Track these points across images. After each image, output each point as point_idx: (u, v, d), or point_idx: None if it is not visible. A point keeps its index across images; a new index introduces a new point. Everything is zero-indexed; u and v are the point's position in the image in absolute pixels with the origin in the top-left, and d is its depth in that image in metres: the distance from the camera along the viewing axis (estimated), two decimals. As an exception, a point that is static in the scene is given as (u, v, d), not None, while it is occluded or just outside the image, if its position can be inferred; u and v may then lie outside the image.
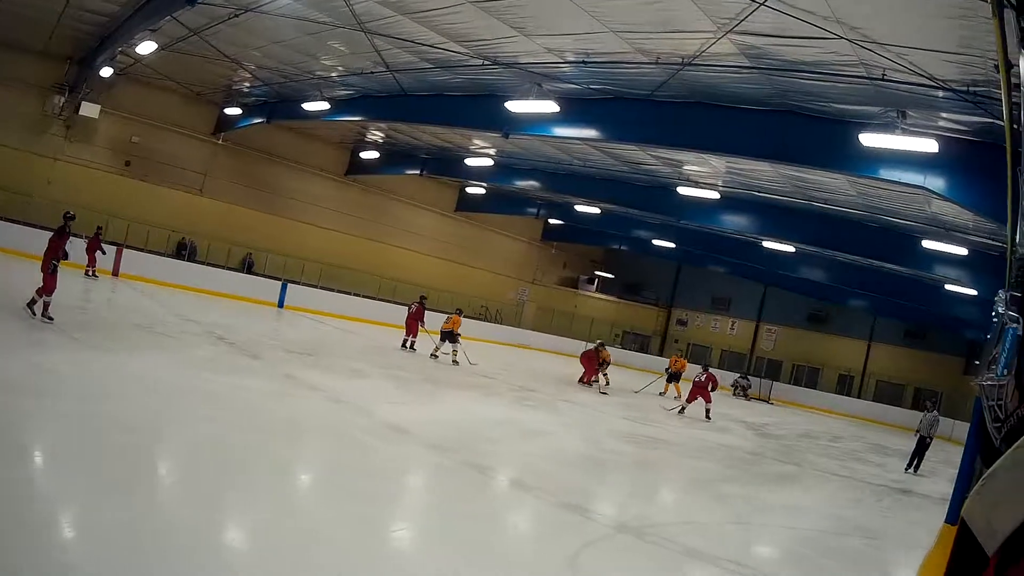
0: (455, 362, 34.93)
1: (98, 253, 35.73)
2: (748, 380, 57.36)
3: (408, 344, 37.43)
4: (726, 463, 21.82)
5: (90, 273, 35.94)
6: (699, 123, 24.45)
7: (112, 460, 9.82)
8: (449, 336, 36.06)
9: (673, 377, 40.90)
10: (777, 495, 18.53)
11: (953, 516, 13.18)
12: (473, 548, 9.78)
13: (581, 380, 37.61)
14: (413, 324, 37.74)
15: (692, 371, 38.20)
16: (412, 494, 12.59)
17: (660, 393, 40.40)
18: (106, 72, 36.78)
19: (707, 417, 33.03)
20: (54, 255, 20.43)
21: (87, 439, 10.46)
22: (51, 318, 19.44)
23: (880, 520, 17.92)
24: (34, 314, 19.47)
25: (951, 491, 18.35)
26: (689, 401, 34.11)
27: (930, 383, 56.84)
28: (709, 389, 33.76)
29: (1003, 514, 1.56)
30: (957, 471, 17.81)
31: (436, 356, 35.63)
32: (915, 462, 28.21)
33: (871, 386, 61.70)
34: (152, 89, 43.78)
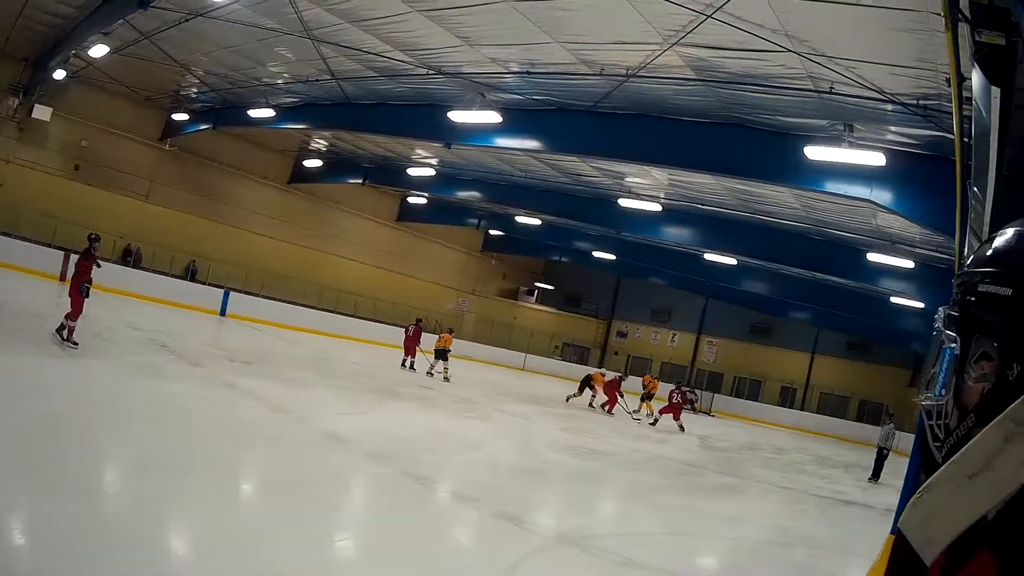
0: (447, 379, 35.98)
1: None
2: (695, 393, 57.49)
3: (408, 364, 38.82)
4: (666, 475, 21.89)
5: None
6: (642, 135, 24.51)
7: (49, 462, 9.67)
8: (442, 354, 37.57)
9: (647, 396, 41.38)
10: (719, 506, 18.56)
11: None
12: (410, 558, 9.72)
13: (602, 406, 38.24)
14: (411, 345, 39.31)
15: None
16: (350, 503, 12.55)
17: (635, 410, 40.52)
18: (59, 75, 37.04)
19: (681, 430, 34.97)
20: (84, 278, 20.32)
21: (25, 440, 10.35)
22: (76, 343, 19.21)
23: (824, 531, 17.95)
24: (64, 340, 19.22)
25: (896, 502, 18.44)
26: (663, 413, 35.96)
27: (875, 395, 57.19)
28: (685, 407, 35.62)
29: (940, 525, 1.53)
30: (903, 482, 17.88)
31: (431, 374, 37.05)
32: (876, 471, 29.52)
33: (814, 398, 61.99)
34: (103, 93, 43.59)
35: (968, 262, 1.96)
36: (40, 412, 12.18)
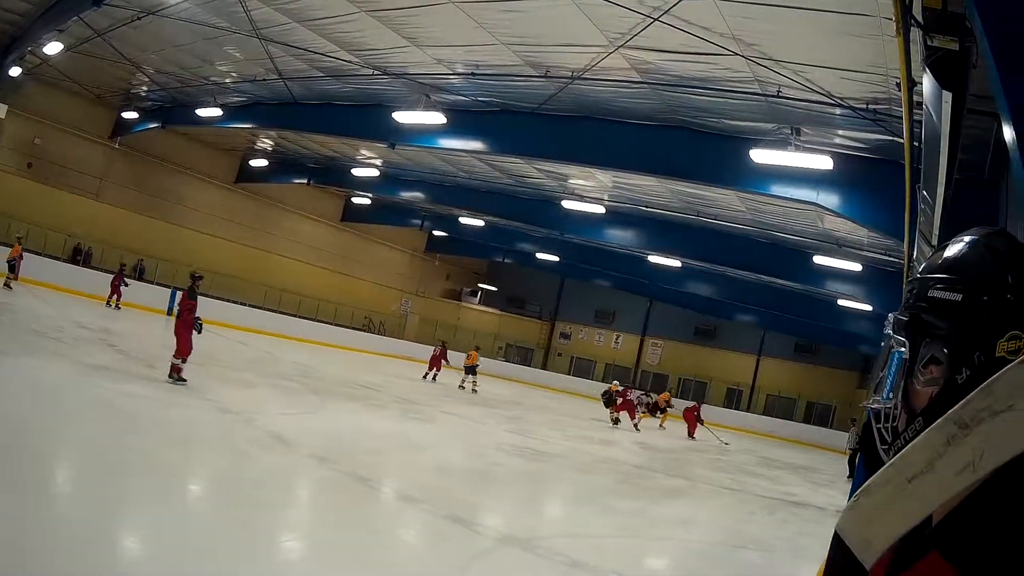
0: (474, 391, 39.17)
1: (122, 287, 39.31)
2: (652, 396, 57.11)
3: (432, 377, 41.89)
4: (614, 477, 21.75)
5: (112, 305, 38.77)
6: (586, 137, 24.68)
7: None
8: (471, 370, 40.69)
9: (660, 410, 43.29)
10: (667, 508, 18.54)
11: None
12: (357, 561, 9.68)
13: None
14: (437, 361, 42.68)
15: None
16: (295, 504, 12.45)
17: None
18: (15, 71, 36.86)
19: (636, 429, 36.91)
20: (191, 316, 20.77)
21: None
22: (184, 380, 19.86)
23: (773, 532, 17.90)
24: (176, 379, 19.84)
25: (845, 501, 18.53)
26: (620, 409, 37.42)
27: (822, 397, 57.62)
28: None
29: (879, 529, 1.53)
30: (851, 484, 17.94)
31: (463, 387, 39.91)
32: (851, 472, 31.17)
33: (761, 400, 62.27)
34: (56, 91, 43.60)
35: (921, 268, 1.97)
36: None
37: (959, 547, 1.50)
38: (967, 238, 1.84)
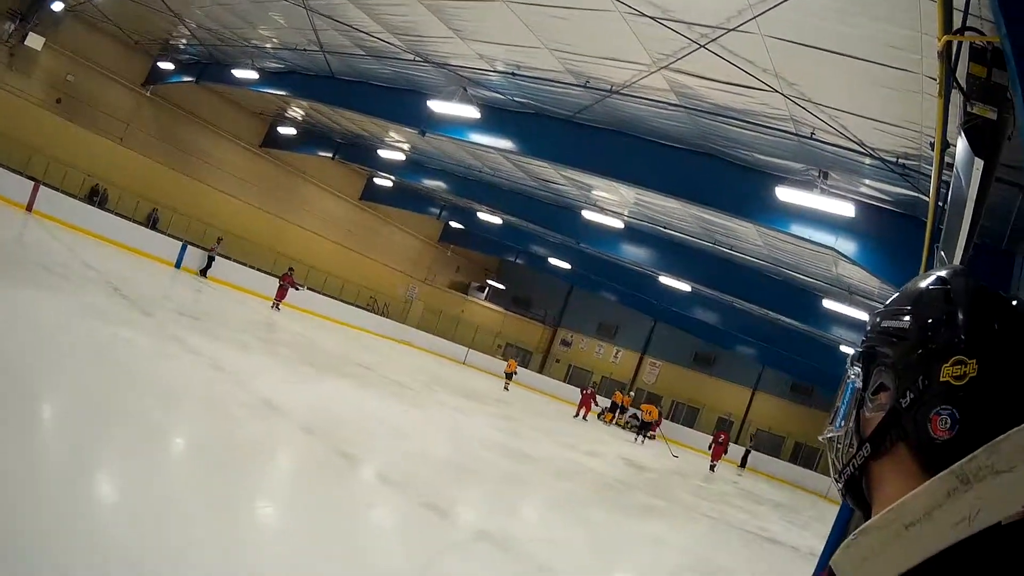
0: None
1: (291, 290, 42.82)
2: (637, 418, 56.56)
3: (582, 416, 42.47)
4: (594, 488, 21.83)
5: (276, 307, 42.50)
6: (616, 151, 24.62)
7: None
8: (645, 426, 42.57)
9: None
10: (642, 527, 18.55)
11: (821, 569, 13.40)
12: (329, 537, 9.69)
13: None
14: (588, 401, 43.87)
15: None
16: (275, 473, 12.46)
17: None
18: (57, 6, 37.44)
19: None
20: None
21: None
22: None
23: (744, 565, 17.97)
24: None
25: (821, 545, 18.52)
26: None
27: (812, 440, 57.11)
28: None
29: (872, 569, 1.58)
30: (831, 526, 17.95)
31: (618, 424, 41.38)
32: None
33: (749, 434, 61.77)
34: (95, 31, 43.66)
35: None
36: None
37: None
38: (928, 274, 1.91)
